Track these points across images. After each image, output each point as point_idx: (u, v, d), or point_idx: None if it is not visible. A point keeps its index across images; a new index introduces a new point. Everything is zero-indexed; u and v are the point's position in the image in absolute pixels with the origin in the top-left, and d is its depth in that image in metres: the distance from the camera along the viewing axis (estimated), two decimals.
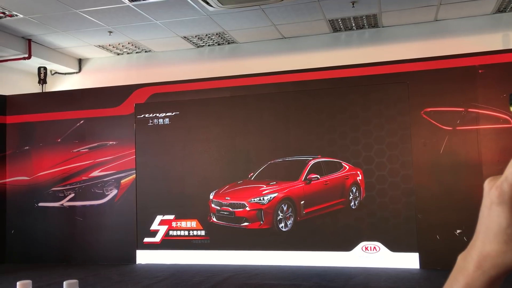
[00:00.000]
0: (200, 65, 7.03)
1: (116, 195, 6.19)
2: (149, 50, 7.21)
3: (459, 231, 5.10)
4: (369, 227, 5.41)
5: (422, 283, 4.65)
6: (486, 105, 5.15)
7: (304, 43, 6.70)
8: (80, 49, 7.09)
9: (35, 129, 6.53)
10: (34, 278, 4.83)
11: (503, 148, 5.08)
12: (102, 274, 5.45)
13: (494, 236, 0.49)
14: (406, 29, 6.37)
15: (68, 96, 6.57)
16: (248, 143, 5.84)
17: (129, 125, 6.20)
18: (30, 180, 6.47)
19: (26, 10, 5.56)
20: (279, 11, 5.74)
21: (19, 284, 1.32)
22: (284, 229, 5.62)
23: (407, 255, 5.25)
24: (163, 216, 6.02)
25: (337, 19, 6.09)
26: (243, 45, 6.96)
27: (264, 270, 5.31)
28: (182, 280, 4.99)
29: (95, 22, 5.95)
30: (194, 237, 5.90)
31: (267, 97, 5.82)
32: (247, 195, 5.72)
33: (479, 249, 0.50)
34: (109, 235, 6.15)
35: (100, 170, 6.26)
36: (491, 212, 0.50)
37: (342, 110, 5.56)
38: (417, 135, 5.32)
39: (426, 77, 5.35)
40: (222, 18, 5.94)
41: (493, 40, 6.03)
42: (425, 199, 5.26)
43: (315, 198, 5.58)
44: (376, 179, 5.41)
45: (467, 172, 5.15)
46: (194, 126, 6.00)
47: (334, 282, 4.69)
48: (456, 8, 5.85)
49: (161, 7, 5.52)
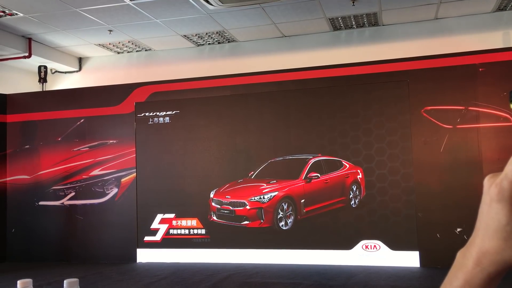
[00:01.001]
0: (200, 64, 7.03)
1: (117, 194, 6.19)
2: (149, 48, 7.21)
3: (459, 229, 5.10)
4: (370, 225, 5.41)
5: (422, 282, 4.65)
6: (487, 103, 5.15)
7: (304, 42, 6.70)
8: (80, 47, 7.09)
9: (35, 128, 6.53)
10: (35, 276, 4.82)
11: (503, 146, 5.07)
12: (103, 272, 5.45)
13: (494, 233, 0.49)
14: (406, 28, 6.36)
15: (69, 95, 6.57)
16: (249, 142, 5.84)
17: (129, 123, 6.20)
18: (31, 179, 6.47)
19: (26, 9, 5.56)
20: (279, 10, 5.73)
21: (20, 283, 1.32)
22: (285, 227, 5.62)
23: (407, 253, 5.26)
24: (163, 215, 6.03)
25: (337, 17, 6.08)
26: (243, 44, 6.95)
27: (264, 269, 5.32)
28: (182, 278, 5.00)
29: (95, 20, 5.95)
30: (195, 235, 5.91)
31: (268, 95, 5.82)
32: (247, 193, 5.72)
33: (478, 246, 0.51)
34: (110, 233, 6.16)
35: (101, 168, 6.26)
36: (491, 209, 0.50)
37: (343, 109, 5.56)
38: (418, 133, 5.32)
39: (426, 76, 5.35)
40: (222, 17, 5.93)
41: (494, 39, 6.03)
42: (426, 197, 5.26)
43: (315, 196, 5.58)
44: (377, 177, 5.41)
45: (468, 171, 5.15)
46: (195, 125, 6.00)
47: (334, 281, 4.69)
48: (456, 6, 5.85)
49: (161, 6, 5.52)
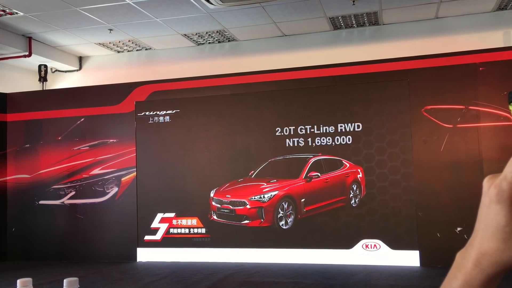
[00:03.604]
0: (201, 63, 7.03)
1: (117, 193, 6.19)
2: (149, 47, 7.21)
3: (459, 228, 5.10)
4: (370, 225, 5.41)
5: (422, 281, 4.66)
6: (487, 102, 5.15)
7: (304, 41, 6.69)
8: (80, 47, 7.09)
9: (35, 127, 6.53)
10: (35, 276, 4.83)
11: (503, 146, 5.07)
12: (103, 271, 5.46)
13: (493, 234, 0.49)
14: (406, 27, 6.36)
15: (69, 94, 6.57)
16: (249, 141, 5.84)
17: (129, 123, 6.20)
18: (31, 178, 6.48)
19: (26, 8, 5.56)
20: (279, 9, 5.73)
21: (20, 282, 1.32)
22: (285, 227, 5.63)
23: (407, 253, 5.26)
24: (163, 214, 6.03)
25: (337, 16, 6.08)
26: (243, 43, 6.95)
27: (264, 268, 5.32)
28: (182, 278, 5.00)
29: (96, 20, 5.95)
30: (195, 235, 5.91)
31: (268, 94, 5.82)
32: (247, 193, 5.72)
33: (477, 247, 0.51)
34: (110, 233, 6.16)
35: (101, 168, 6.26)
36: (490, 211, 0.50)
37: (343, 108, 5.56)
38: (418, 132, 5.32)
39: (426, 75, 5.34)
40: (223, 16, 5.93)
41: (494, 38, 6.02)
42: (426, 196, 5.26)
43: (315, 196, 5.58)
44: (377, 177, 5.41)
45: (468, 170, 5.15)
46: (195, 124, 6.00)
47: (334, 280, 4.69)
48: (456, 6, 5.84)
49: (161, 5, 5.52)
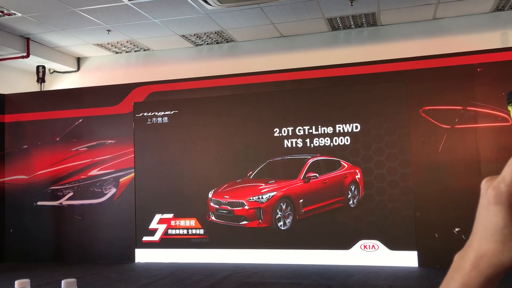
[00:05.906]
0: (199, 64, 7.03)
1: (115, 194, 6.19)
2: (147, 48, 7.21)
3: (457, 229, 5.11)
4: (368, 225, 5.41)
5: (420, 281, 4.66)
6: (485, 103, 5.16)
7: (302, 42, 6.70)
8: (78, 47, 7.08)
9: (33, 128, 6.52)
10: (33, 277, 4.83)
11: (501, 147, 5.08)
12: (101, 273, 5.45)
13: (491, 236, 0.49)
14: (404, 28, 6.37)
15: (67, 94, 6.56)
16: (247, 142, 5.84)
17: (127, 123, 6.19)
18: (29, 179, 6.47)
19: (24, 9, 5.55)
20: (277, 10, 5.73)
21: (17, 283, 1.32)
22: (283, 227, 5.63)
23: (405, 253, 5.26)
24: (162, 215, 6.03)
25: (335, 17, 6.09)
26: (241, 44, 6.95)
27: (263, 269, 5.32)
28: (181, 278, 5.00)
29: (94, 20, 5.94)
30: (193, 235, 5.91)
31: (266, 95, 5.82)
32: (246, 193, 5.72)
33: (475, 249, 0.51)
34: (108, 234, 6.15)
35: (99, 168, 6.25)
36: (488, 212, 0.50)
37: (341, 109, 5.56)
38: (416, 133, 5.33)
39: (424, 76, 5.35)
40: (221, 17, 5.93)
41: (492, 39, 6.04)
42: (424, 197, 5.27)
43: (314, 196, 5.59)
44: (375, 177, 5.41)
45: (466, 171, 5.16)
46: (193, 125, 6.00)
47: (333, 280, 4.69)
48: (454, 7, 5.86)
49: (159, 6, 5.52)
